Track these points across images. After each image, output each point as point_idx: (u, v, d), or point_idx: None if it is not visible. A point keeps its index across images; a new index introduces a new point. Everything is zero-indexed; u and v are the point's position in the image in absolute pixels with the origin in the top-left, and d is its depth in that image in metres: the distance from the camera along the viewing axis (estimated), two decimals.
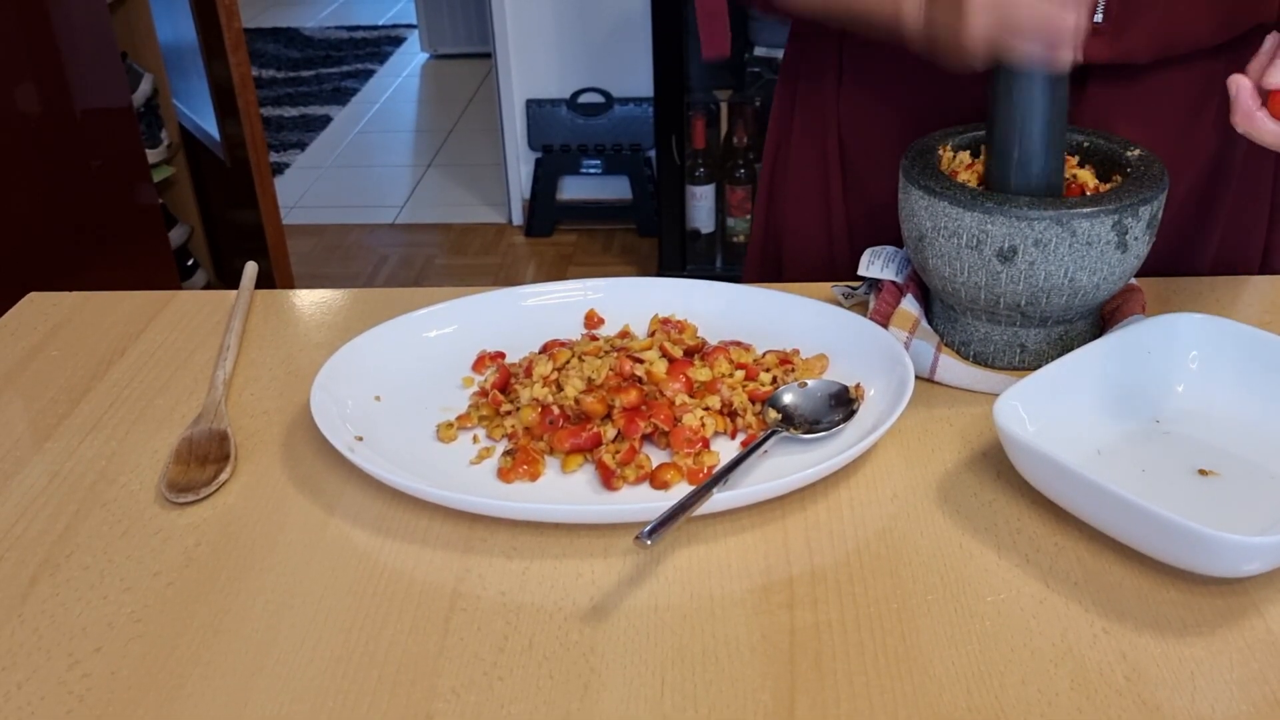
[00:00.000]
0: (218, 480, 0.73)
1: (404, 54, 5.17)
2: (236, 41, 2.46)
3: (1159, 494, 0.69)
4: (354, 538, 0.69)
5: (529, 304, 0.90)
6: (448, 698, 0.57)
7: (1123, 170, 0.79)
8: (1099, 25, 0.85)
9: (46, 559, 0.68)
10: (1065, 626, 0.61)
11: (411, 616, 0.63)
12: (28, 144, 1.98)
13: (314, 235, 3.48)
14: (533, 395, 0.77)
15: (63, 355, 0.89)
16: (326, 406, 0.76)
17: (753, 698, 0.57)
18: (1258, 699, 0.56)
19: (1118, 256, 0.74)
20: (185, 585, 0.65)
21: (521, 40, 3.23)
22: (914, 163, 0.79)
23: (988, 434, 0.76)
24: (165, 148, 2.70)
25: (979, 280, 0.76)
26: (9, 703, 0.58)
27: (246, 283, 0.96)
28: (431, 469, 0.74)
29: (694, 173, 2.93)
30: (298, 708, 0.57)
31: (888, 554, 0.66)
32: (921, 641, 0.60)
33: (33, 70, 1.98)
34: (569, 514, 0.69)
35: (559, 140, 3.29)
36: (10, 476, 0.75)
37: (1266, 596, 0.62)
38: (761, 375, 0.80)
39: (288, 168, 3.98)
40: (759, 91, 2.91)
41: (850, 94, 1.01)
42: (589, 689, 0.58)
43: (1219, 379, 0.76)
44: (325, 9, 5.83)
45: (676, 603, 0.63)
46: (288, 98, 4.63)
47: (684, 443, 0.74)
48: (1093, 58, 0.85)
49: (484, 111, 4.33)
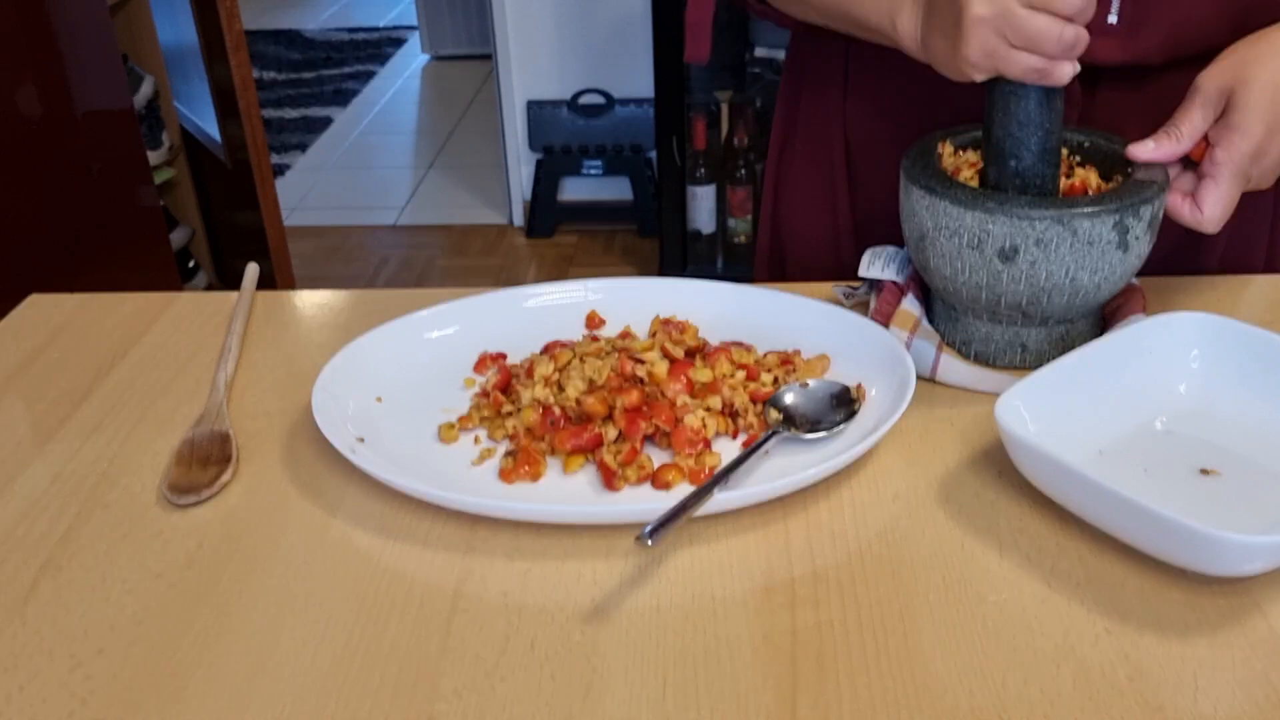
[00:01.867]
0: (219, 482, 0.73)
1: (405, 55, 5.17)
2: (237, 43, 2.46)
3: (1161, 494, 0.69)
4: (356, 539, 0.69)
5: (530, 305, 0.90)
6: (449, 699, 0.57)
7: (1124, 170, 0.79)
8: (1112, 27, 0.85)
9: (48, 561, 0.68)
10: (1067, 626, 0.61)
11: (413, 617, 0.63)
12: (29, 146, 1.98)
13: (315, 237, 3.48)
14: (534, 396, 0.77)
15: (64, 357, 0.89)
16: (328, 408, 0.76)
17: (755, 698, 0.57)
18: (1260, 699, 0.56)
19: (1119, 256, 0.74)
20: (187, 587, 0.65)
21: (522, 41, 3.23)
22: (915, 162, 0.79)
23: (989, 434, 0.75)
24: (166, 149, 2.70)
25: (980, 280, 0.76)
26: (11, 705, 0.58)
27: (248, 284, 0.96)
28: (433, 470, 0.74)
29: (695, 173, 2.93)
30: (300, 709, 0.57)
31: (889, 554, 0.66)
32: (923, 641, 0.60)
33: (34, 72, 1.98)
34: (570, 515, 0.69)
35: (560, 141, 3.29)
36: (12, 478, 0.75)
37: (1269, 596, 0.62)
38: (763, 375, 0.80)
39: (289, 169, 3.98)
40: (760, 92, 2.91)
41: (856, 94, 1.01)
42: (591, 690, 0.58)
43: (1221, 378, 0.76)
44: (326, 10, 5.83)
45: (678, 603, 0.63)
46: (289, 99, 4.63)
47: (685, 443, 0.74)
48: (1106, 60, 0.85)
49: (485, 113, 4.33)
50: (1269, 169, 0.80)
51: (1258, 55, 0.78)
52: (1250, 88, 0.77)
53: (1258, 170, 0.79)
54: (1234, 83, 0.78)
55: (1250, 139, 0.77)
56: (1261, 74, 0.77)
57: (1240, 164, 0.78)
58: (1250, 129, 0.77)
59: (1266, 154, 0.78)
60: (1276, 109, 0.77)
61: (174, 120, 2.76)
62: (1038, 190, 0.78)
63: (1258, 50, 0.78)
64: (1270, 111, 0.77)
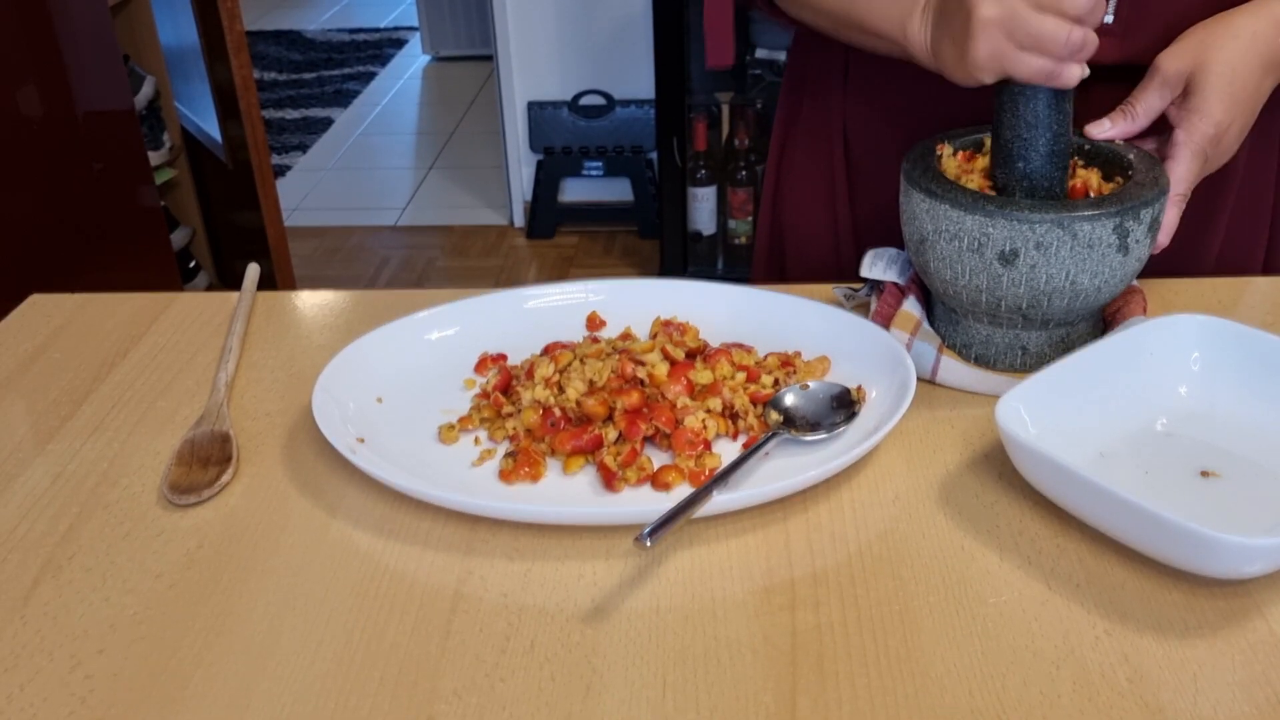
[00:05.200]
0: (220, 482, 0.73)
1: (406, 56, 5.17)
2: (238, 44, 2.47)
3: (1161, 496, 0.69)
4: (356, 539, 0.69)
5: (531, 306, 0.90)
6: (449, 699, 0.57)
7: (1124, 172, 0.79)
8: (1109, 26, 0.86)
9: (49, 561, 0.68)
10: (1067, 628, 0.61)
11: (413, 618, 0.63)
12: (30, 146, 1.98)
13: (316, 237, 3.49)
14: (534, 397, 0.77)
15: (65, 357, 0.89)
16: (328, 408, 0.76)
17: (754, 699, 0.57)
18: (1260, 700, 0.56)
19: (1119, 259, 0.74)
20: (187, 587, 0.65)
21: (523, 42, 3.23)
22: (915, 165, 0.80)
23: (989, 436, 0.76)
24: (167, 150, 2.70)
25: (980, 283, 0.76)
26: (11, 704, 0.58)
27: (248, 285, 0.96)
28: (433, 471, 0.74)
29: (695, 175, 2.94)
30: (299, 709, 0.57)
31: (889, 555, 0.66)
32: (923, 643, 0.60)
33: (35, 73, 1.98)
34: (570, 515, 0.69)
35: (560, 142, 3.29)
36: (12, 478, 0.75)
37: (1269, 598, 0.62)
38: (763, 377, 0.80)
39: (289, 170, 3.98)
40: (760, 93, 2.91)
41: (856, 95, 1.01)
42: (591, 690, 0.58)
43: (1221, 380, 0.76)
44: (327, 11, 5.83)
45: (678, 604, 0.63)
46: (289, 100, 4.64)
47: (685, 445, 0.74)
48: (1102, 59, 0.85)
49: (485, 114, 4.33)
50: (1226, 149, 0.82)
51: (1216, 38, 0.80)
52: (1209, 70, 0.79)
53: (1216, 152, 0.81)
54: (1193, 65, 0.80)
55: (1210, 120, 0.79)
56: (1220, 56, 0.79)
57: (1200, 144, 0.80)
58: (1210, 111, 0.79)
59: (1225, 135, 0.81)
60: (1234, 91, 0.79)
61: (175, 121, 2.76)
62: (1045, 192, 0.78)
63: (1216, 33, 0.80)
64: (1228, 94, 0.79)
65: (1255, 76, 0.80)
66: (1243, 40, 0.79)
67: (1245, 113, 0.81)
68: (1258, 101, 0.82)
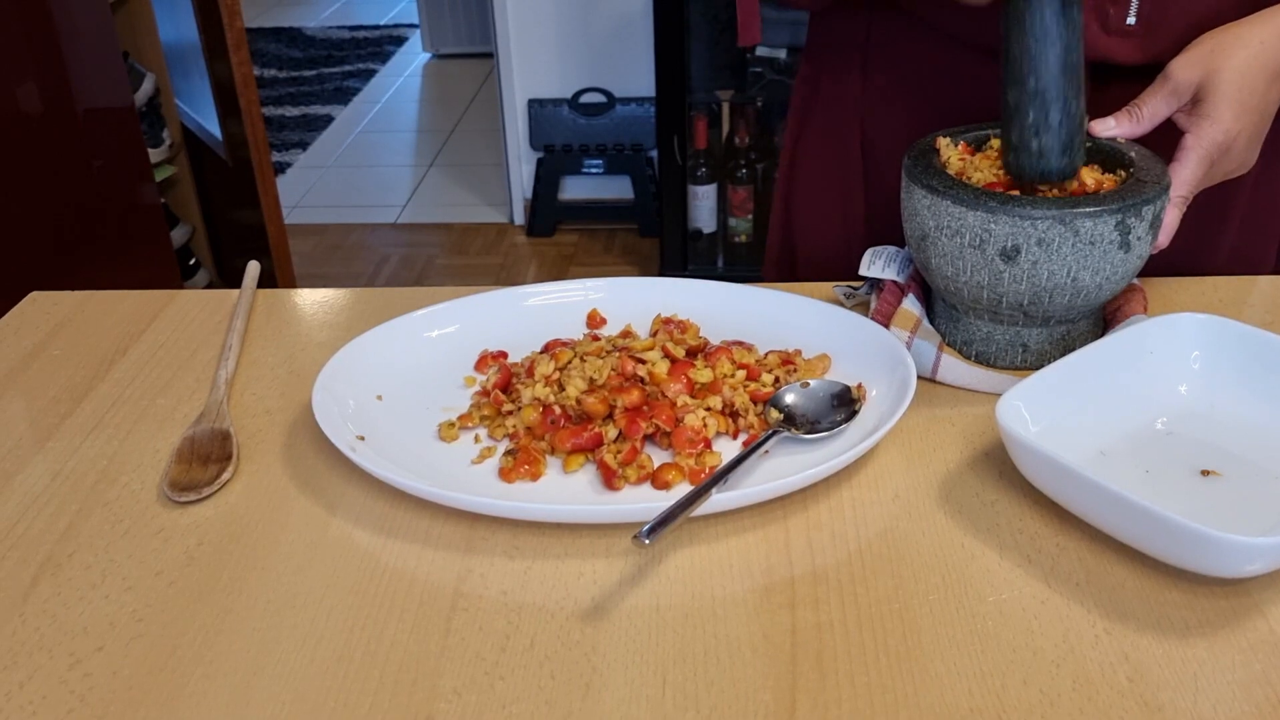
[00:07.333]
0: (220, 480, 0.73)
1: (406, 54, 5.17)
2: (238, 41, 2.46)
3: (1161, 494, 0.69)
4: (355, 537, 0.69)
5: (531, 304, 0.90)
6: (449, 698, 0.57)
7: (1126, 169, 0.79)
8: (1130, 28, 0.86)
9: (48, 558, 0.68)
10: (1067, 627, 0.61)
11: (413, 616, 0.63)
12: (30, 143, 1.98)
13: (316, 235, 3.49)
14: (534, 395, 0.77)
15: (64, 355, 0.89)
16: (328, 406, 0.76)
17: (754, 698, 0.57)
18: (1260, 700, 0.56)
19: (1120, 256, 0.74)
20: (187, 585, 0.65)
21: (523, 40, 3.23)
22: (916, 162, 0.79)
23: (990, 434, 0.75)
24: (167, 147, 2.70)
25: (981, 280, 0.76)
26: (10, 702, 0.58)
27: (248, 282, 0.96)
28: (433, 469, 0.74)
29: (696, 173, 2.93)
30: (299, 707, 0.57)
31: (889, 554, 0.66)
32: (923, 642, 0.60)
33: (35, 70, 1.98)
34: (570, 514, 0.69)
35: (560, 140, 3.29)
36: (12, 476, 0.75)
37: (1269, 597, 0.62)
38: (763, 375, 0.80)
39: (289, 167, 3.98)
40: (761, 91, 2.91)
41: (875, 87, 1.00)
42: (590, 689, 0.58)
43: (1222, 379, 0.76)
44: (327, 8, 5.83)
45: (678, 602, 0.63)
46: (289, 97, 4.64)
47: (686, 443, 0.74)
48: (1123, 60, 0.86)
49: (485, 111, 4.33)
50: (1237, 157, 0.82)
51: (1226, 46, 0.80)
52: (1220, 77, 0.79)
53: (1225, 160, 0.82)
54: (1204, 72, 0.80)
55: (1220, 126, 0.80)
56: (1230, 64, 0.79)
57: (1208, 150, 0.80)
58: (1220, 117, 0.79)
59: (1235, 142, 0.81)
60: (1244, 98, 0.80)
61: (175, 118, 2.76)
62: (1059, 116, 0.76)
63: (1226, 41, 0.81)
64: (1238, 100, 0.80)
65: (1262, 85, 0.80)
66: (1252, 48, 0.80)
67: (1254, 120, 0.81)
68: (1266, 109, 0.82)
